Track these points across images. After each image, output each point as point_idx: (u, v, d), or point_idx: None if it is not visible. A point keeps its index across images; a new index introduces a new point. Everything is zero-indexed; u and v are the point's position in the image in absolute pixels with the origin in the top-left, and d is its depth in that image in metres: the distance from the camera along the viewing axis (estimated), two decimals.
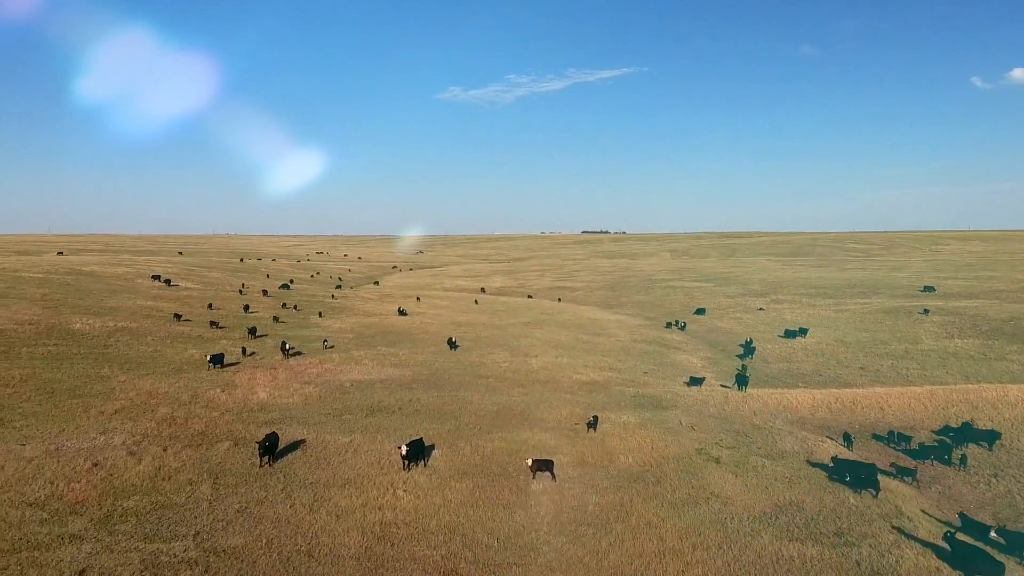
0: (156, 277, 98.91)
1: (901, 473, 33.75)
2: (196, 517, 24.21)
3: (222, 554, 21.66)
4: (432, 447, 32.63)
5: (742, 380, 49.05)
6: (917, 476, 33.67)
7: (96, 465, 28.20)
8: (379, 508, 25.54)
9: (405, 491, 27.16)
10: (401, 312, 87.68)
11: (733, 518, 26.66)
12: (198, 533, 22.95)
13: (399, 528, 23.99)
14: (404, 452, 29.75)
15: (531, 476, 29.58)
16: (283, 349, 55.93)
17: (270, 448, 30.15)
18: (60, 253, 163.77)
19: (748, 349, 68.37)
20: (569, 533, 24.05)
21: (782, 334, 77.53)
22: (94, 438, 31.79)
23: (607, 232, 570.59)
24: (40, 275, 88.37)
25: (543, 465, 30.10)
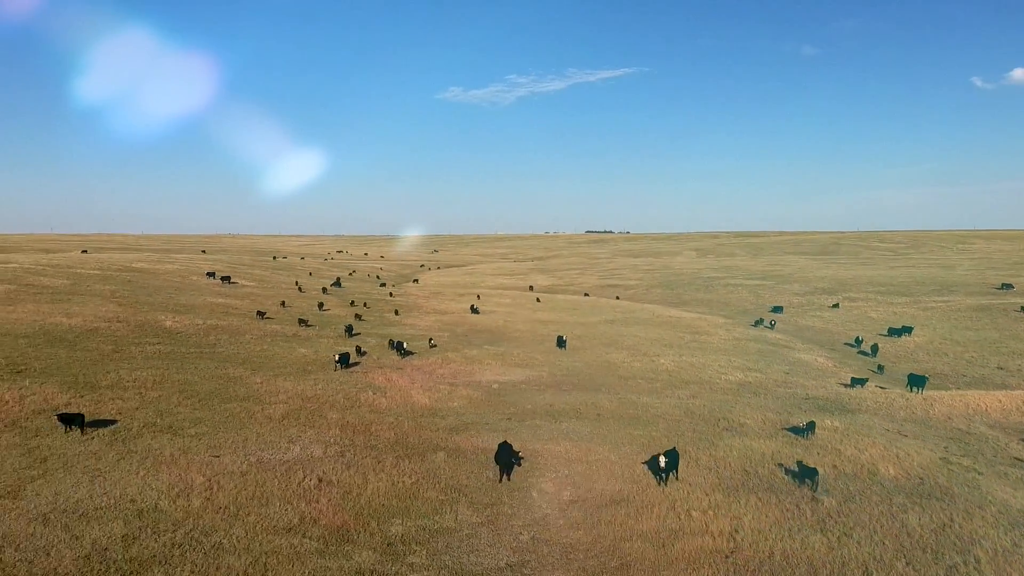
0: (211, 275, 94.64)
1: None
2: (489, 546, 20.23)
3: None
4: None
5: (918, 381, 45.28)
6: None
7: (322, 481, 24.17)
8: (689, 533, 21.59)
9: (696, 511, 23.22)
10: (474, 310, 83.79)
11: None
12: (511, 566, 18.99)
13: (734, 557, 20.06)
14: (663, 464, 25.84)
15: (795, 487, 25.82)
16: (399, 349, 51.93)
17: (507, 461, 26.21)
18: (84, 251, 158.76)
19: (872, 348, 64.63)
20: (932, 563, 20.20)
21: (885, 332, 73.92)
22: (287, 448, 27.75)
23: (610, 232, 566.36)
24: (98, 271, 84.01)
25: (806, 475, 26.37)
